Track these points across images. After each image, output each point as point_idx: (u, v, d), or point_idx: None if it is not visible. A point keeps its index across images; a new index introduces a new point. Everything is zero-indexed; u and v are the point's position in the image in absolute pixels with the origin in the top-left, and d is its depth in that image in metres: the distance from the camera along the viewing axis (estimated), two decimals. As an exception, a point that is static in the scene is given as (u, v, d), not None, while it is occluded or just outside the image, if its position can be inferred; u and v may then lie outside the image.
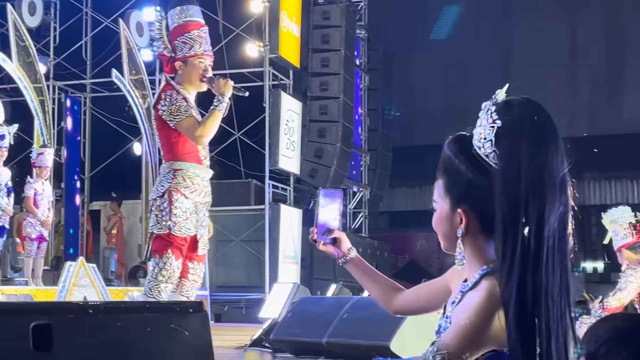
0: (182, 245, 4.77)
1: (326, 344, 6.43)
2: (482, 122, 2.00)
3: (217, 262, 13.73)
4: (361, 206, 18.85)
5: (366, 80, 18.73)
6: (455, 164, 2.05)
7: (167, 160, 4.86)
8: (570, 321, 1.95)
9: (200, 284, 5.05)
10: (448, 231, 2.09)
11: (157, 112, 4.82)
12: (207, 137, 4.80)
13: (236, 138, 14.51)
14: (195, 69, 4.91)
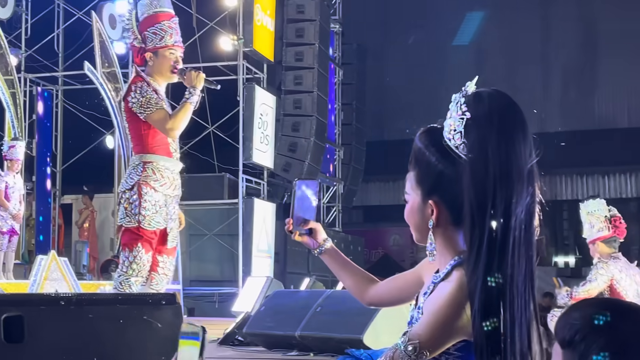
0: (152, 239, 4.75)
1: (299, 337, 6.43)
2: (452, 114, 2.02)
3: (190, 256, 13.69)
4: (335, 200, 18.88)
5: (340, 74, 18.74)
6: (426, 156, 2.06)
7: (136, 153, 4.83)
8: (534, 311, 1.97)
9: (170, 277, 5.03)
10: (419, 222, 2.11)
11: (127, 104, 4.78)
12: (178, 130, 4.78)
13: (210, 132, 14.47)
14: (166, 60, 4.89)
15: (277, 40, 15.32)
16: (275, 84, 16.16)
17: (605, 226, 6.29)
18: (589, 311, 1.40)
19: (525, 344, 1.94)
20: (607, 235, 6.28)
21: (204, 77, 4.86)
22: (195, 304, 13.40)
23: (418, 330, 1.96)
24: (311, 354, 6.32)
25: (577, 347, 1.38)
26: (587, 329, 1.38)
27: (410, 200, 2.12)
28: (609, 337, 1.36)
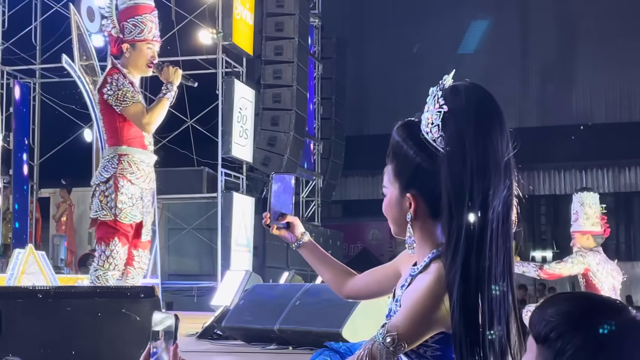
0: (128, 232, 4.73)
1: (278, 330, 6.44)
2: (430, 107, 2.03)
3: (168, 250, 13.65)
4: (314, 195, 18.88)
5: (320, 68, 18.73)
6: (404, 149, 2.07)
7: (111, 145, 4.80)
8: (513, 302, 1.98)
9: (145, 270, 5.00)
10: (398, 216, 2.12)
11: (102, 96, 4.75)
12: (154, 125, 4.77)
13: (188, 125, 14.42)
14: (143, 54, 4.87)
15: (257, 34, 15.29)
16: (254, 78, 16.12)
17: (599, 222, 6.34)
18: (564, 307, 1.40)
19: (504, 335, 1.96)
20: (599, 232, 6.34)
21: (181, 74, 4.85)
22: (173, 298, 13.37)
23: (396, 322, 1.97)
24: (290, 347, 6.32)
25: (552, 344, 1.38)
26: (564, 326, 1.38)
27: (388, 193, 2.13)
28: (586, 335, 1.36)
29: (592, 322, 1.37)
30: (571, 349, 1.36)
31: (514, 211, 2.04)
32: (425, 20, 21.29)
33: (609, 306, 1.42)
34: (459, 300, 1.93)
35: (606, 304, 1.43)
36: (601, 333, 1.36)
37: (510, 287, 1.98)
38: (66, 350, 2.83)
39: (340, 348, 2.33)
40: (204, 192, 14.09)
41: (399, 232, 2.16)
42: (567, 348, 1.36)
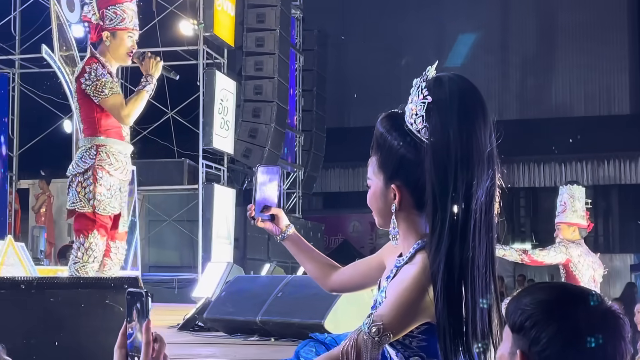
0: (107, 224, 4.68)
1: (260, 322, 6.44)
2: (414, 98, 2.04)
3: (149, 242, 13.61)
4: (295, 187, 18.88)
5: (301, 60, 18.70)
6: (388, 140, 2.07)
7: (87, 135, 4.73)
8: (495, 292, 2.00)
9: (122, 262, 4.96)
10: (382, 207, 2.12)
11: (80, 86, 4.69)
12: (132, 117, 4.72)
13: (169, 117, 14.36)
14: (124, 43, 4.81)
15: (238, 25, 15.24)
16: (235, 69, 16.08)
17: (585, 217, 6.41)
18: (539, 296, 1.41)
19: (486, 324, 1.97)
20: (584, 226, 6.40)
21: (162, 66, 4.81)
22: (154, 290, 13.32)
23: (381, 312, 1.97)
24: (272, 339, 6.32)
25: (527, 333, 1.39)
26: (539, 315, 1.39)
27: (373, 185, 2.13)
28: (561, 323, 1.37)
29: (567, 311, 1.38)
30: (545, 337, 1.36)
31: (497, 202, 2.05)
32: (405, 12, 21.31)
33: (583, 296, 1.43)
34: (442, 290, 1.94)
35: (581, 294, 1.44)
36: (576, 322, 1.37)
37: (492, 276, 2.00)
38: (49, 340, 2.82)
39: (326, 339, 2.34)
40: (184, 184, 14.05)
41: (383, 223, 2.16)
42: (541, 336, 1.37)
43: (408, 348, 2.04)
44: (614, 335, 1.39)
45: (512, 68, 21.86)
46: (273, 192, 2.52)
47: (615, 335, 1.39)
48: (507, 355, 1.42)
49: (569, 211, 6.39)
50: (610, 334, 1.38)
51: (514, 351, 1.41)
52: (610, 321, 1.40)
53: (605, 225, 22.47)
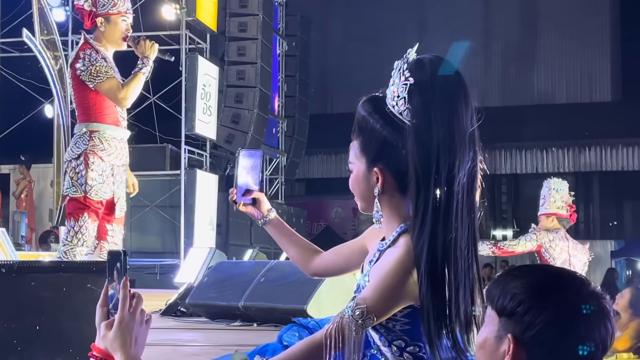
0: (98, 209, 4.68)
1: (242, 307, 6.44)
2: (395, 80, 2.03)
3: (131, 227, 13.54)
4: (277, 172, 18.86)
5: (284, 46, 18.65)
6: (370, 123, 2.07)
7: (82, 122, 4.74)
8: (477, 273, 2.00)
9: (119, 246, 4.97)
10: (365, 191, 2.11)
11: (75, 72, 4.69)
12: (130, 100, 4.73)
13: (151, 102, 14.28)
14: (118, 27, 4.81)
15: (221, 10, 15.17)
16: (218, 54, 16.01)
17: (565, 207, 6.47)
18: (529, 280, 1.41)
19: (469, 305, 1.97)
20: (565, 215, 6.46)
21: (157, 48, 4.82)
22: (136, 276, 13.29)
23: (365, 295, 1.97)
24: (255, 324, 6.33)
25: (520, 318, 1.39)
26: (532, 300, 1.39)
27: (355, 169, 2.13)
28: (555, 307, 1.37)
29: (560, 296, 1.38)
30: (541, 323, 1.36)
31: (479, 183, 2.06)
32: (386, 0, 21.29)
33: (573, 279, 1.43)
34: (426, 271, 1.94)
35: (570, 278, 1.45)
36: (570, 306, 1.37)
37: (475, 258, 2.01)
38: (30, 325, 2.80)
39: (309, 323, 2.33)
40: (167, 170, 14.00)
41: (366, 207, 2.15)
42: (536, 322, 1.37)
43: (391, 332, 2.04)
44: (603, 316, 1.40)
45: (494, 55, 21.89)
46: (254, 176, 2.51)
47: (604, 316, 1.40)
48: (492, 339, 1.42)
49: (547, 203, 6.47)
50: (600, 315, 1.39)
51: (502, 335, 1.40)
52: (599, 302, 1.40)
53: (586, 212, 22.59)
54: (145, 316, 1.67)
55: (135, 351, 1.62)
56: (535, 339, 1.38)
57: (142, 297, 1.66)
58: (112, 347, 1.62)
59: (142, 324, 1.65)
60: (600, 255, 19.98)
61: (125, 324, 1.61)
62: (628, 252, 20.36)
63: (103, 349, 1.63)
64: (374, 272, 2.03)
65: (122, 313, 1.62)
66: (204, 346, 5.06)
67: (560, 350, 1.37)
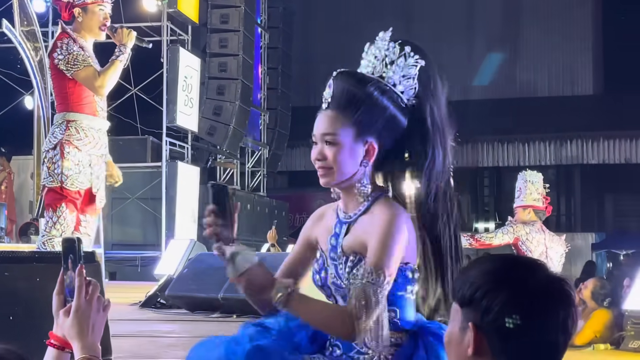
0: (76, 199, 4.66)
1: (222, 299, 6.44)
2: (398, 61, 2.07)
3: (112, 219, 13.50)
4: (260, 165, 18.84)
5: (266, 38, 18.61)
6: (369, 99, 2.12)
7: (60, 111, 4.72)
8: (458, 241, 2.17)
9: (93, 237, 4.95)
10: (348, 163, 2.14)
11: (53, 61, 4.68)
12: (107, 88, 4.70)
13: (133, 94, 14.23)
14: (95, 16, 4.79)
15: (202, 1, 15.11)
16: (200, 46, 15.96)
17: (541, 199, 6.51)
18: (486, 267, 1.41)
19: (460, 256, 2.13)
20: (541, 207, 6.49)
21: (135, 35, 4.80)
22: (117, 268, 13.26)
23: (378, 261, 2.01)
24: (234, 315, 6.33)
25: (478, 304, 1.39)
26: (488, 284, 1.39)
27: (340, 140, 2.13)
28: (511, 290, 1.37)
29: (515, 278, 1.39)
30: (497, 305, 1.36)
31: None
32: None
33: (529, 263, 1.44)
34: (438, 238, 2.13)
35: (527, 261, 1.47)
36: (525, 287, 1.37)
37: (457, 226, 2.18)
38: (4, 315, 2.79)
39: (265, 322, 2.26)
40: (148, 161, 13.95)
41: (340, 180, 2.16)
42: (493, 305, 1.37)
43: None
44: (563, 300, 1.40)
45: (477, 47, 21.93)
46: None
47: (564, 300, 1.40)
48: (457, 331, 1.41)
49: (523, 195, 6.52)
50: (559, 299, 1.39)
51: (465, 326, 1.40)
52: (557, 286, 1.40)
53: (567, 204, 22.72)
54: (103, 303, 1.67)
55: (92, 339, 1.62)
56: (493, 324, 1.37)
57: (98, 285, 1.67)
58: (69, 334, 1.62)
59: (99, 311, 1.65)
60: (581, 248, 20.09)
61: (81, 312, 1.62)
62: (609, 244, 20.49)
63: (61, 336, 1.64)
64: (368, 240, 2.07)
65: (78, 301, 1.63)
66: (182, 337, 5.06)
67: (519, 334, 1.36)
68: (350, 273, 2.09)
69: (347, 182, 2.15)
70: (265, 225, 14.25)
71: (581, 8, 21.37)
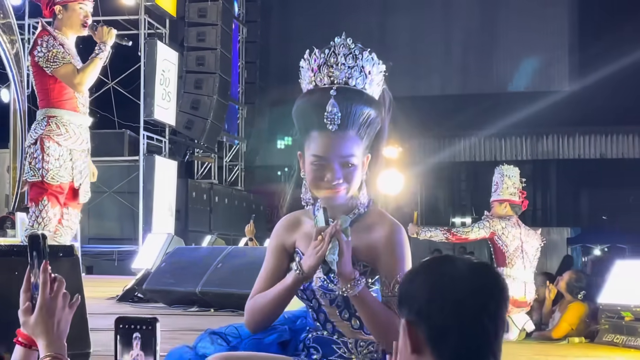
0: (59, 193, 4.71)
1: (199, 293, 6.45)
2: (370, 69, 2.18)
3: (89, 213, 13.44)
4: (237, 159, 18.83)
5: (244, 32, 18.58)
6: (367, 113, 2.16)
7: (42, 107, 4.79)
8: None
9: (75, 230, 5.00)
10: (360, 179, 2.20)
11: (34, 58, 4.75)
12: (86, 85, 4.77)
13: (110, 87, 14.17)
14: (76, 14, 4.84)
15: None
16: (177, 40, 15.91)
17: (517, 193, 6.56)
18: (422, 280, 1.40)
19: None
20: (517, 202, 6.55)
21: (115, 33, 4.85)
22: (93, 262, 13.22)
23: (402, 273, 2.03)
24: (212, 309, 6.34)
25: (406, 300, 1.40)
26: (410, 280, 1.40)
27: (356, 162, 2.15)
28: (431, 281, 1.37)
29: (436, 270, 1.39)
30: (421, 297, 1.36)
31: None
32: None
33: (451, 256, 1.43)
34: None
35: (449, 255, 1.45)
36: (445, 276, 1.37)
37: None
38: (-19, 309, 2.78)
39: (226, 330, 2.26)
40: (125, 155, 13.91)
41: (350, 196, 2.18)
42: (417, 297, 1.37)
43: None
44: (487, 286, 1.38)
45: (454, 43, 21.99)
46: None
47: (488, 285, 1.38)
48: (400, 336, 1.41)
49: (499, 189, 6.57)
50: (483, 284, 1.38)
51: (403, 326, 1.40)
52: (481, 272, 1.39)
53: (543, 199, 22.86)
54: (71, 300, 1.63)
55: (57, 336, 1.59)
56: (419, 316, 1.36)
57: (63, 281, 1.63)
58: (34, 332, 1.60)
59: (65, 308, 1.62)
60: (557, 242, 20.25)
61: (46, 309, 1.59)
62: (584, 239, 20.66)
63: (27, 334, 1.61)
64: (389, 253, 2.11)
65: (42, 298, 1.59)
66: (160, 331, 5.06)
67: (443, 323, 1.34)
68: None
69: (349, 198, 2.19)
70: (242, 219, 14.25)
71: (557, 4, 21.49)
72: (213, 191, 16.36)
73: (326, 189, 2.14)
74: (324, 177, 2.12)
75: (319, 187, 2.14)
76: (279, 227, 2.30)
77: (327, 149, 2.11)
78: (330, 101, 2.10)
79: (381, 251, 2.10)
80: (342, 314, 2.13)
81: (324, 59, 2.18)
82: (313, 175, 2.14)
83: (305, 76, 2.23)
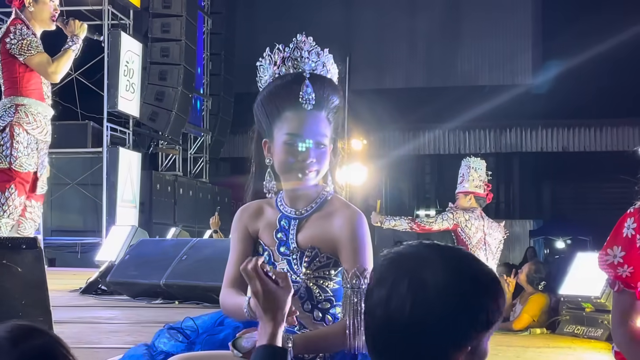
0: (26, 182, 4.72)
1: (164, 285, 6.43)
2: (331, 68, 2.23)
3: (51, 205, 13.33)
4: (202, 151, 18.76)
5: (209, 23, 18.50)
6: (338, 100, 2.21)
7: (8, 95, 4.80)
8: None
9: (38, 223, 4.99)
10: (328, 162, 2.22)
11: (5, 46, 4.76)
12: (60, 74, 4.86)
13: (73, 78, 14.01)
14: (46, 7, 4.89)
15: (144, -15, 14.95)
16: (141, 31, 15.78)
17: (482, 186, 6.60)
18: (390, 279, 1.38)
19: None
20: (482, 194, 6.59)
21: (86, 27, 4.88)
22: (56, 254, 13.10)
23: (364, 264, 2.05)
24: (176, 302, 6.33)
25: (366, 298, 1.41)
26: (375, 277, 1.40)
27: (328, 143, 2.19)
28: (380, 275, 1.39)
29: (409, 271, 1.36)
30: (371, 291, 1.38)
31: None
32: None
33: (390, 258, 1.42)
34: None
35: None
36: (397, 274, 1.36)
37: None
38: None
39: (183, 324, 2.23)
40: (88, 147, 13.80)
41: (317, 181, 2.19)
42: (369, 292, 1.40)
43: (323, 291, 2.15)
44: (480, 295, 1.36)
45: (419, 36, 22.08)
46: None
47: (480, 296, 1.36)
48: None
49: (465, 181, 6.62)
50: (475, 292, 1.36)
51: None
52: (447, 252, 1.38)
53: (506, 192, 23.08)
54: None
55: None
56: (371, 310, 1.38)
57: None
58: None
59: None
60: (520, 235, 20.48)
61: None
62: (546, 231, 20.92)
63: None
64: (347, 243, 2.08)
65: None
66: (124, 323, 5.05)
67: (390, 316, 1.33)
68: (309, 267, 2.12)
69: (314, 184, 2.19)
70: (207, 211, 14.21)
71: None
72: (178, 183, 16.29)
73: (298, 170, 2.13)
74: (297, 156, 2.12)
75: (291, 168, 2.14)
76: (242, 213, 2.27)
77: (302, 127, 2.13)
78: (305, 82, 2.13)
79: (341, 241, 2.09)
80: (304, 306, 2.14)
81: (289, 52, 2.19)
82: (285, 155, 2.13)
83: (267, 71, 2.23)
